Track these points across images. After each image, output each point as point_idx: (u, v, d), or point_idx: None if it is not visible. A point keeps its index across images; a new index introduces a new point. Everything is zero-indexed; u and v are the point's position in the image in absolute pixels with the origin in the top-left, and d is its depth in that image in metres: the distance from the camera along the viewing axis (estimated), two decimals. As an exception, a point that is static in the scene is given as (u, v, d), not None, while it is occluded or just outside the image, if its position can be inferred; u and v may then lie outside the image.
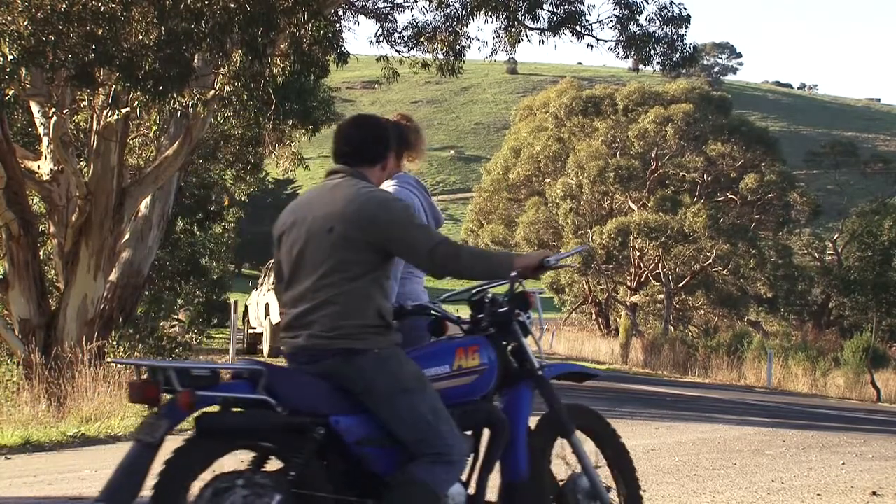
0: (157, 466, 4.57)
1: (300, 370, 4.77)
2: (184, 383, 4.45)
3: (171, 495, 4.48)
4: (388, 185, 5.79)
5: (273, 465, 4.71)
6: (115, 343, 16.71)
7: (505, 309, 5.34)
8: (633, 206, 47.84)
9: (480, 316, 5.37)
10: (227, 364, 4.70)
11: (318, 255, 4.82)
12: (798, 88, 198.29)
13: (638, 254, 46.40)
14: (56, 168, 17.60)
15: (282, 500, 4.49)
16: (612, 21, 19.27)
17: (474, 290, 5.49)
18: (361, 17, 20.94)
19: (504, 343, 5.29)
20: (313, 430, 4.58)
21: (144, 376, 4.56)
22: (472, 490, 5.06)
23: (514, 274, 4.98)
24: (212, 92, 15.76)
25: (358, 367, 4.72)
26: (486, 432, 5.09)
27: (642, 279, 47.10)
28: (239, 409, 4.58)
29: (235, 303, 28.08)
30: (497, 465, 5.17)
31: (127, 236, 18.16)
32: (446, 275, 4.93)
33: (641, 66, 21.34)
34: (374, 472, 4.71)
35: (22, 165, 17.37)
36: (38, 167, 17.92)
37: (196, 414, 4.54)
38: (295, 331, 4.85)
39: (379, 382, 4.72)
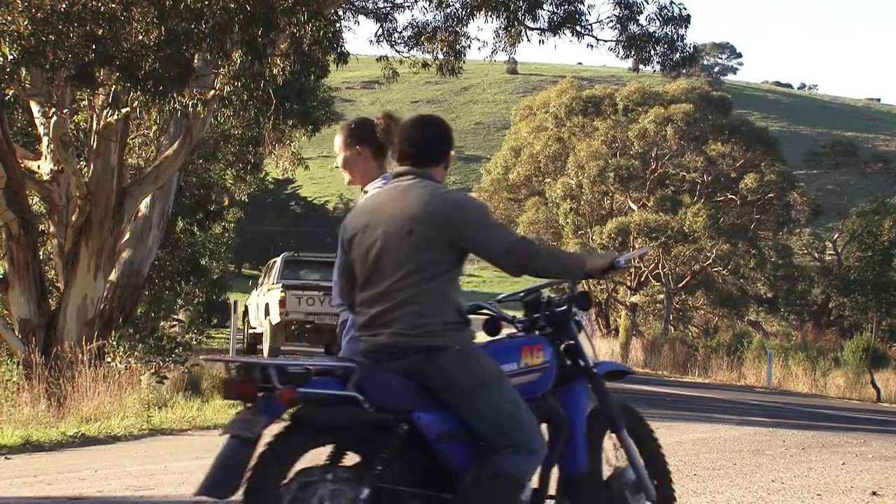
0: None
1: (384, 368, 4.90)
2: (283, 381, 4.60)
3: (265, 488, 4.60)
4: (375, 185, 5.79)
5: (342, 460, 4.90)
6: (115, 343, 16.70)
7: (563, 308, 5.53)
8: (633, 206, 47.81)
9: (536, 315, 5.54)
10: (320, 361, 4.85)
11: (398, 256, 4.96)
12: (798, 88, 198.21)
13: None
14: (56, 168, 17.60)
15: (370, 493, 4.66)
16: (612, 21, 19.26)
17: (528, 291, 5.64)
18: (361, 17, 20.95)
19: (558, 342, 5.47)
20: (398, 426, 4.74)
21: (238, 373, 4.74)
22: (535, 484, 5.16)
23: (586, 273, 5.15)
24: (212, 92, 15.76)
25: (439, 365, 4.87)
26: (544, 428, 5.21)
27: (642, 279, 47.07)
28: (328, 405, 4.72)
29: (235, 303, 28.06)
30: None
31: (127, 236, 18.15)
32: (523, 273, 5.08)
33: (641, 66, 21.34)
34: (451, 468, 4.85)
35: (22, 165, 17.37)
36: (38, 167, 17.92)
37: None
38: (375, 329, 5.01)
39: (460, 379, 4.86)
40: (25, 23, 13.22)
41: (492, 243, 5.00)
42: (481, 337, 5.32)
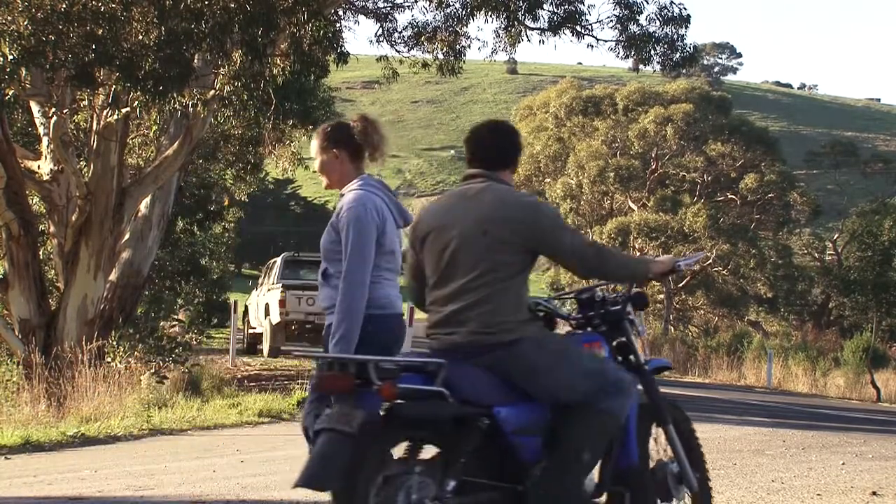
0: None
1: (468, 364, 5.07)
2: (381, 376, 4.80)
3: (358, 481, 4.74)
4: (352, 187, 5.80)
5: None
6: (115, 343, 16.70)
7: (618, 307, 5.76)
8: (633, 206, 47.85)
9: (591, 313, 5.77)
10: (411, 358, 5.09)
11: (473, 256, 5.19)
12: (798, 88, 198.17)
13: (638, 253, 46.41)
14: (56, 168, 17.60)
15: (456, 485, 4.86)
16: (612, 21, 19.26)
17: (583, 290, 5.88)
18: (361, 17, 20.95)
19: (611, 339, 5.70)
20: (480, 420, 4.95)
21: (332, 369, 4.90)
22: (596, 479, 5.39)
23: (650, 277, 5.53)
24: (212, 92, 15.75)
25: (518, 355, 5.10)
26: None
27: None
28: (418, 400, 4.93)
29: (235, 303, 28.09)
30: None
31: (127, 236, 18.15)
32: (593, 277, 5.43)
33: (641, 66, 21.33)
34: (523, 461, 5.05)
35: (22, 165, 17.37)
36: (38, 167, 17.92)
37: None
38: (450, 327, 5.22)
39: (541, 361, 5.12)
40: (25, 23, 13.22)
41: (564, 247, 5.25)
42: None
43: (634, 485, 5.50)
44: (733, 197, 47.63)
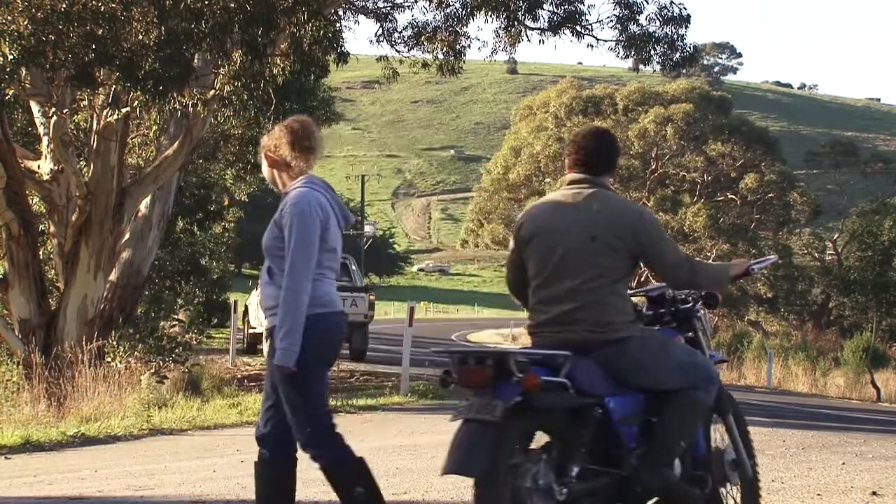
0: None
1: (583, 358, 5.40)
2: (521, 369, 5.09)
3: (498, 467, 5.02)
4: (296, 186, 5.81)
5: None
6: (115, 343, 16.70)
7: (689, 305, 6.13)
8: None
9: (662, 311, 6.11)
10: (541, 351, 5.38)
11: (582, 260, 5.53)
12: (798, 88, 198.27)
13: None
14: (56, 168, 17.59)
15: (580, 471, 5.24)
16: (612, 21, 19.25)
17: (655, 288, 6.19)
18: (361, 17, 20.92)
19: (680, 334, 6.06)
20: (594, 410, 5.31)
21: (470, 363, 5.14)
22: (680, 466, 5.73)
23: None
24: (212, 92, 15.75)
25: (627, 352, 5.49)
26: None
27: (642, 279, 47.09)
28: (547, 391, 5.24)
29: (235, 303, 28.09)
30: None
31: (127, 236, 18.14)
32: (683, 288, 5.96)
33: (641, 66, 21.32)
34: (625, 448, 5.43)
35: (22, 165, 17.36)
36: (38, 167, 17.91)
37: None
38: (561, 326, 5.55)
39: (646, 357, 5.52)
40: (25, 22, 13.22)
41: (667, 258, 5.66)
42: None
43: (703, 470, 5.83)
44: (733, 197, 47.66)
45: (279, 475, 5.89)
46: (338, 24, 18.50)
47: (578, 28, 19.16)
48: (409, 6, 20.15)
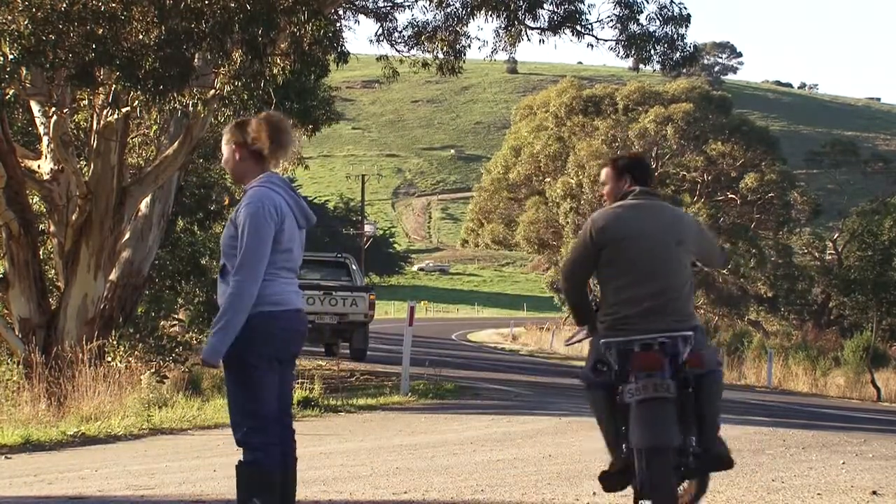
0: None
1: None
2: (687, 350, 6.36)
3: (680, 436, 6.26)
4: (253, 185, 5.81)
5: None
6: (115, 342, 16.70)
7: None
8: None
9: None
10: (676, 333, 6.36)
11: (671, 262, 6.50)
12: (798, 88, 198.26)
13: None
14: (56, 167, 17.58)
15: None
16: (612, 20, 19.26)
17: None
18: (361, 17, 20.92)
19: None
20: (691, 377, 6.31)
21: (641, 349, 6.26)
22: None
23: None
24: (212, 91, 15.75)
25: (697, 337, 6.49)
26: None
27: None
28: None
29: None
30: None
31: (127, 236, 18.14)
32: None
33: (641, 66, 21.31)
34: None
35: (22, 165, 17.36)
36: (39, 166, 17.91)
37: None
38: (655, 315, 6.39)
39: (703, 340, 6.62)
40: (25, 22, 13.23)
41: (715, 258, 7.09)
42: None
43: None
44: (733, 196, 47.64)
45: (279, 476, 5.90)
46: (338, 24, 18.52)
47: (578, 27, 19.17)
48: (409, 6, 20.16)
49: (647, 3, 19.31)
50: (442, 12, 19.52)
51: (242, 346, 5.63)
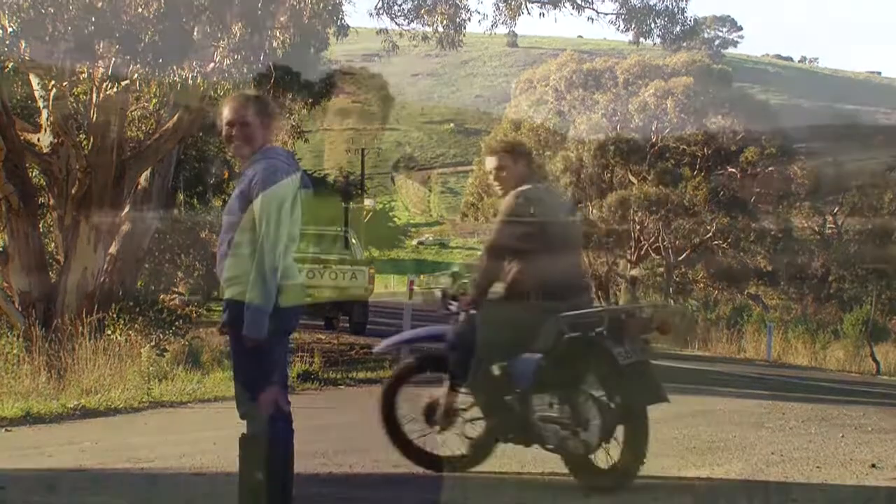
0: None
1: None
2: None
3: None
4: (258, 158, 5.83)
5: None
6: (115, 316, 16.70)
7: None
8: (633, 179, 47.77)
9: None
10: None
11: None
12: (799, 61, 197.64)
13: (638, 227, 46.37)
14: (56, 140, 17.56)
15: None
16: (612, -7, 19.21)
17: None
18: (361, -10, 20.85)
19: None
20: None
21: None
22: None
23: None
24: (211, 65, 15.71)
25: None
26: None
27: (642, 252, 47.08)
28: None
29: (235, 275, 28.00)
30: None
31: (126, 209, 18.13)
32: None
33: (642, 40, 21.23)
34: None
35: (21, 138, 17.33)
36: (38, 140, 17.88)
37: None
38: None
39: None
40: (24, -6, 13.18)
41: None
42: None
43: None
44: (733, 170, 47.57)
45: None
46: (338, -3, 18.43)
47: (579, 1, 19.10)
48: (409, -21, 20.06)
49: (648, -25, 19.26)
50: (442, -15, 19.44)
51: None
